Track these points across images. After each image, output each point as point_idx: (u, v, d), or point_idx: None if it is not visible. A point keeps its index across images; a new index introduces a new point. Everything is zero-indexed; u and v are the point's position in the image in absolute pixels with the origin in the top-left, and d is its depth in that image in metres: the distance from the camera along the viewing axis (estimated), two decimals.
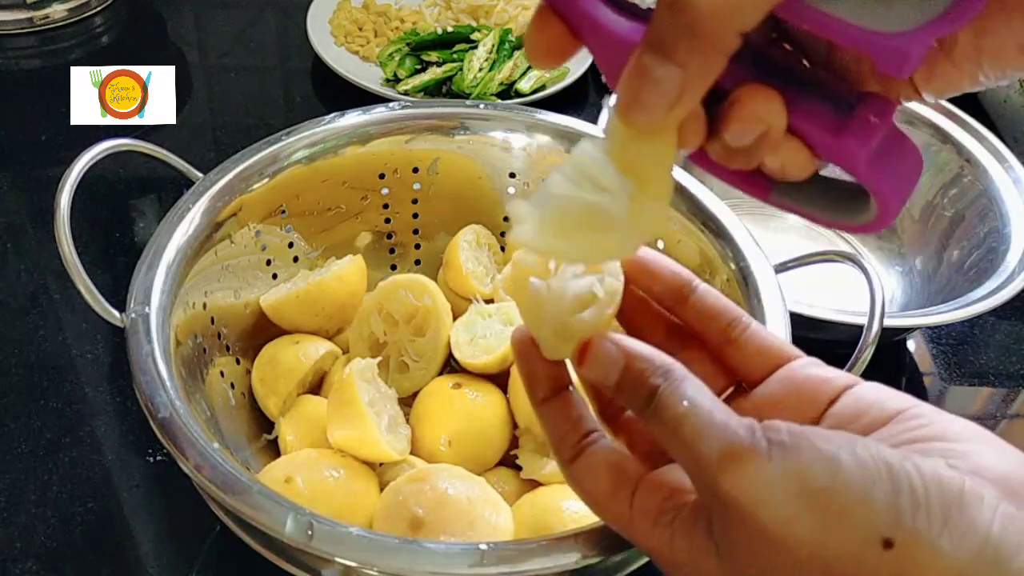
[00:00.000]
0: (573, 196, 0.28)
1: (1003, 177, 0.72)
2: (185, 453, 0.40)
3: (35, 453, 0.58)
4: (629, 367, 0.30)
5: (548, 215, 0.28)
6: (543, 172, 0.63)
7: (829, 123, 0.25)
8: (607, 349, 0.31)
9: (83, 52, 0.95)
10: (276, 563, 0.42)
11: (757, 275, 0.52)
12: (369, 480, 0.50)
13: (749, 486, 0.26)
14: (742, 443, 0.27)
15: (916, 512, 0.25)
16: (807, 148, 0.26)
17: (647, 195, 0.28)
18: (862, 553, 0.25)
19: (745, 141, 0.26)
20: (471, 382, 0.55)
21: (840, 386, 0.32)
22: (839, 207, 0.28)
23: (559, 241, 0.28)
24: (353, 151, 0.60)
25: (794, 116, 0.25)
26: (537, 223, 0.28)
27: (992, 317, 0.73)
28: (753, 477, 0.26)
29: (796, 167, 0.26)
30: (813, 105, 0.25)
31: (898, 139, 0.26)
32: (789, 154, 0.26)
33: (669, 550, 0.30)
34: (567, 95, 0.89)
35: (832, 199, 0.28)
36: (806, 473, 0.26)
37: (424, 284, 0.57)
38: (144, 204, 0.79)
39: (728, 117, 0.26)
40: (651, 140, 0.27)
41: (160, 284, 0.48)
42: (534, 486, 0.52)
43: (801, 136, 0.26)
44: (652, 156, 0.27)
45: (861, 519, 0.25)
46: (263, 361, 0.57)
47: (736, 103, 0.25)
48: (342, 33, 0.94)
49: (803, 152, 0.26)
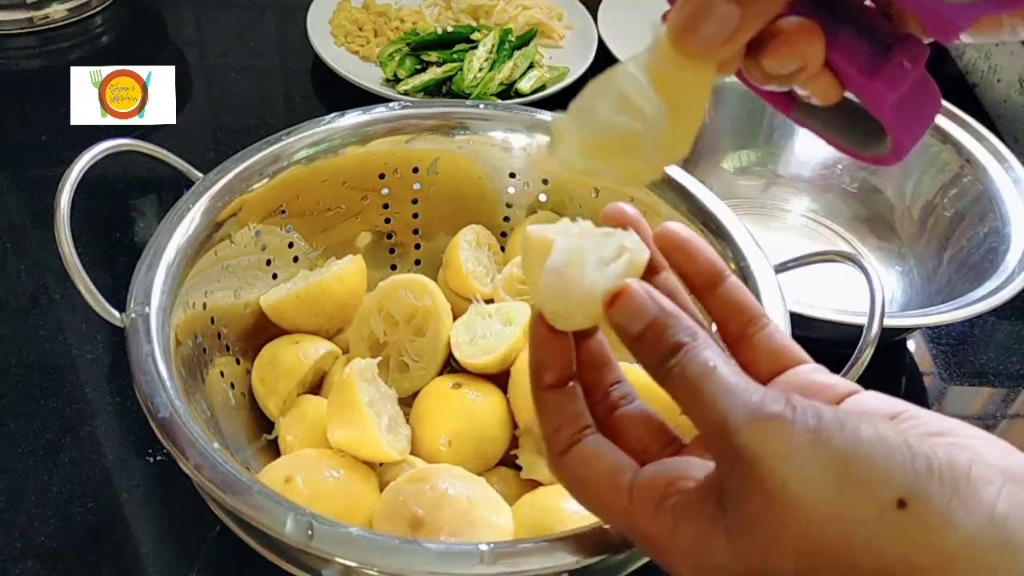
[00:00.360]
0: (614, 120, 0.29)
1: (1003, 177, 0.72)
2: (185, 453, 0.40)
3: (35, 453, 0.58)
4: (657, 320, 0.30)
5: (588, 137, 0.29)
6: (543, 172, 0.63)
7: (864, 63, 0.26)
8: (642, 297, 0.30)
9: (83, 52, 0.95)
10: (276, 563, 0.42)
11: (757, 275, 0.52)
12: (369, 480, 0.50)
13: (773, 441, 0.26)
14: (767, 404, 0.27)
15: (930, 479, 0.25)
16: (838, 81, 0.27)
17: (680, 121, 0.28)
18: (878, 515, 0.25)
19: (782, 72, 0.27)
20: (471, 382, 0.55)
21: (842, 392, 0.32)
22: (856, 135, 0.29)
23: (594, 162, 0.29)
24: (353, 151, 0.60)
25: (831, 50, 0.26)
26: (577, 144, 0.29)
27: (992, 317, 0.73)
28: (777, 433, 0.26)
29: (823, 96, 0.28)
30: (851, 41, 0.26)
31: (924, 83, 0.27)
32: (820, 85, 0.27)
33: (671, 537, 0.29)
34: (567, 95, 0.88)
35: (850, 126, 0.29)
36: (828, 438, 0.26)
37: (424, 284, 0.57)
38: (144, 204, 0.79)
39: (769, 49, 0.26)
40: (693, 67, 0.27)
41: (160, 284, 0.48)
42: (534, 486, 0.52)
43: (834, 70, 0.26)
44: (691, 82, 0.28)
45: (879, 482, 0.25)
46: (263, 361, 0.57)
47: (780, 36, 0.26)
48: (342, 33, 0.94)
49: (834, 85, 0.27)
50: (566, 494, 0.48)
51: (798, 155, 0.82)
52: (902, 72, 0.26)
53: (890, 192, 0.79)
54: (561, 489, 0.50)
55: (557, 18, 0.99)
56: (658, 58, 0.28)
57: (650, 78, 0.28)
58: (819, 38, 0.26)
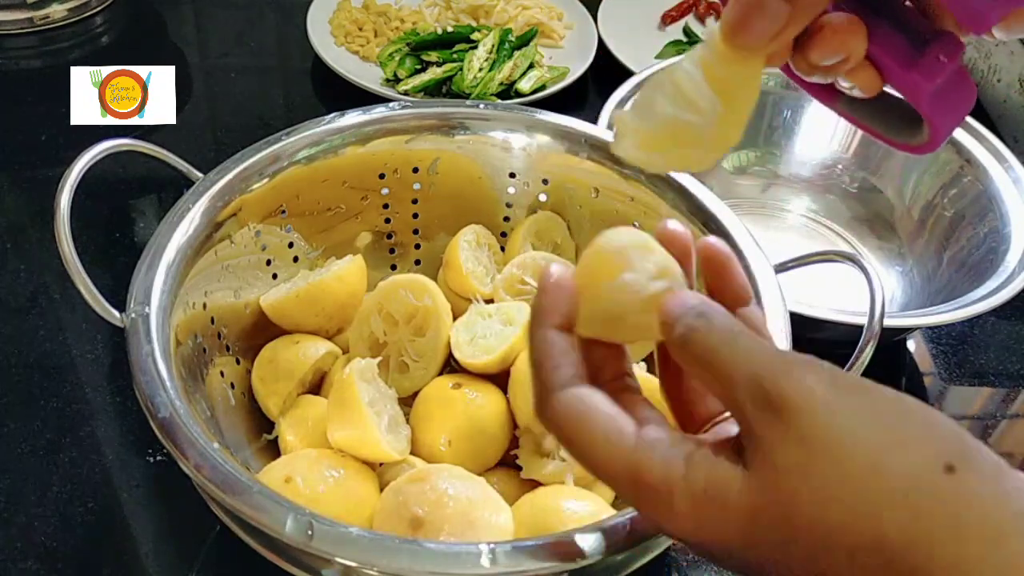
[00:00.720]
0: (672, 115, 0.31)
1: (1003, 177, 0.72)
2: (185, 453, 0.40)
3: (35, 453, 0.58)
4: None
5: (647, 130, 0.31)
6: (544, 172, 0.63)
7: (902, 56, 0.28)
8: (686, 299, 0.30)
9: (83, 52, 0.95)
10: (276, 563, 0.42)
11: (757, 275, 0.52)
12: (369, 480, 0.50)
13: (817, 388, 0.26)
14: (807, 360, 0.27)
15: (978, 450, 0.25)
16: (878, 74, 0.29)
17: (733, 112, 0.30)
18: (922, 474, 0.24)
19: (827, 63, 0.29)
20: (471, 382, 0.55)
21: None
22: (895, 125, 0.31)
23: (654, 154, 0.32)
24: (353, 151, 0.60)
25: (871, 44, 0.28)
26: (638, 137, 0.32)
27: (992, 317, 0.73)
28: (820, 382, 0.26)
29: (865, 87, 0.30)
30: (890, 36, 0.28)
31: (960, 76, 0.29)
32: (861, 77, 0.29)
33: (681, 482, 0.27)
34: (567, 95, 0.89)
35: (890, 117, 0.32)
36: (876, 395, 0.26)
37: (424, 284, 0.57)
38: (144, 204, 0.79)
39: (815, 41, 0.28)
40: (743, 61, 0.29)
41: (160, 284, 0.48)
42: (534, 486, 0.52)
43: (873, 62, 0.29)
44: (742, 76, 0.30)
45: (928, 441, 0.25)
46: (263, 361, 0.57)
47: (825, 29, 0.28)
48: (342, 33, 0.94)
49: (875, 77, 0.29)
50: (566, 494, 0.49)
51: (798, 155, 0.82)
52: (938, 65, 0.28)
53: (890, 192, 0.79)
54: (561, 489, 0.51)
55: (557, 18, 0.99)
56: (711, 54, 0.30)
57: (703, 74, 0.30)
58: (862, 31, 0.28)
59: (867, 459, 0.25)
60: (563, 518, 0.47)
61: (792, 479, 0.25)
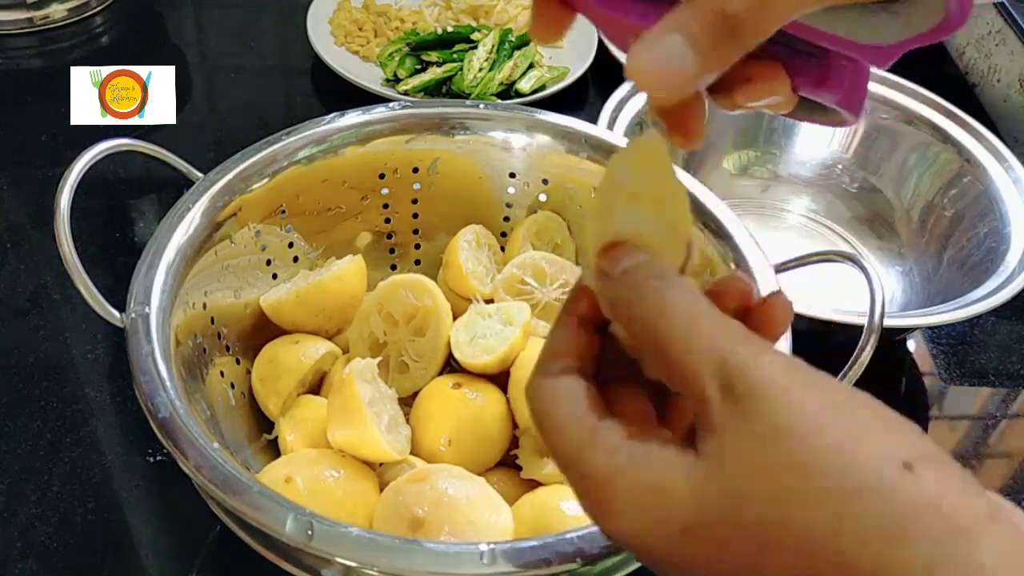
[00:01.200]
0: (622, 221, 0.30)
1: (1003, 177, 0.72)
2: (185, 453, 0.40)
3: (35, 453, 0.58)
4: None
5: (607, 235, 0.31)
6: (544, 172, 0.63)
7: (814, 77, 0.29)
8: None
9: (83, 52, 0.95)
10: (276, 563, 0.42)
11: (757, 275, 0.52)
12: (369, 480, 0.50)
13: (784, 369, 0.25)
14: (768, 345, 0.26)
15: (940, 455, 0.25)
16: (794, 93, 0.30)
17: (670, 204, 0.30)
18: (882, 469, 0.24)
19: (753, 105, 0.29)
20: (471, 382, 0.55)
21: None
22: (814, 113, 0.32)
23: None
24: (353, 151, 0.60)
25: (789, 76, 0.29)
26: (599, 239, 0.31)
27: (992, 317, 0.73)
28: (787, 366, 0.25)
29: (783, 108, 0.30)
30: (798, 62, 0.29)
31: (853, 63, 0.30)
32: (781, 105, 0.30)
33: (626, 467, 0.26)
34: (567, 95, 0.89)
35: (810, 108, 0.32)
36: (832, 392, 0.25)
37: (424, 284, 0.57)
38: (144, 204, 0.79)
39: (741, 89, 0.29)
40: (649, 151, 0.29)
41: (160, 284, 0.48)
42: (534, 486, 0.52)
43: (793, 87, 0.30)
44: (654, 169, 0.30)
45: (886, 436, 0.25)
46: (263, 361, 0.57)
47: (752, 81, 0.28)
48: (342, 33, 0.94)
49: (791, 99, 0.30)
50: (566, 494, 0.49)
51: (798, 155, 0.82)
52: (842, 70, 0.29)
53: (890, 192, 0.79)
54: (561, 489, 0.51)
55: None
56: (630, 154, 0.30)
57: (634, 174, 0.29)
58: (784, 77, 0.29)
59: (824, 452, 0.24)
60: (563, 518, 0.47)
61: (744, 468, 0.25)
